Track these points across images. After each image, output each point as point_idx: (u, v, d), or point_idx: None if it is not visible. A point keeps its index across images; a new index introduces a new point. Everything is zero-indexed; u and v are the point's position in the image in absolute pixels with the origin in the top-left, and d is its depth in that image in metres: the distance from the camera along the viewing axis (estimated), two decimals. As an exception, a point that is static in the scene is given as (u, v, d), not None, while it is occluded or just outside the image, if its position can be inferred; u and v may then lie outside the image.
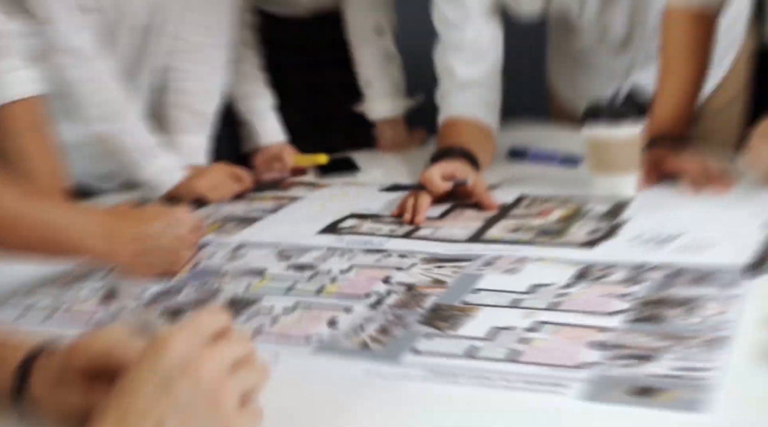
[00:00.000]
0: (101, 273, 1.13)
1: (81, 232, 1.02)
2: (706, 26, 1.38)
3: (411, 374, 0.77)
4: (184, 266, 1.12)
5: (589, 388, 0.71)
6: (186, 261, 1.12)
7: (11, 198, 0.96)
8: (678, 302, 0.88)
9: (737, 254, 0.99)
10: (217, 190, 1.48)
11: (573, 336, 0.82)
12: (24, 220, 0.97)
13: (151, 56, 1.54)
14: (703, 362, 0.74)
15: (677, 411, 0.66)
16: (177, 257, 1.10)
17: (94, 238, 1.03)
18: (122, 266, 1.08)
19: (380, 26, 1.80)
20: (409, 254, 1.11)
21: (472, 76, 1.57)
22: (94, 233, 1.03)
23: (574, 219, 1.21)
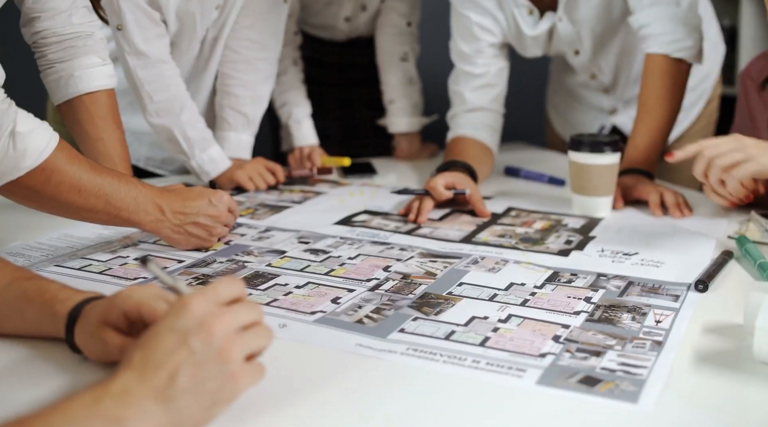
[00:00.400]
0: (149, 242, 1.14)
1: (133, 205, 1.03)
2: (680, 75, 1.37)
3: (395, 349, 0.77)
4: (218, 242, 1.13)
5: (545, 374, 0.71)
6: (220, 237, 1.12)
7: (79, 168, 0.97)
8: (628, 308, 0.87)
9: (683, 271, 0.99)
10: (254, 181, 1.49)
11: (538, 329, 0.81)
12: (87, 188, 0.97)
13: (211, 63, 1.54)
14: (639, 360, 0.74)
15: (614, 400, 0.66)
16: (211, 233, 1.10)
17: (144, 211, 1.04)
18: (165, 237, 1.09)
19: (405, 54, 1.80)
20: (409, 248, 1.11)
21: (479, 102, 1.56)
22: (144, 207, 1.04)
23: (552, 231, 1.20)
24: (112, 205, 1.00)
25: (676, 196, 1.28)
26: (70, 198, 0.97)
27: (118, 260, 1.07)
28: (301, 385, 0.70)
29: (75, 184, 0.96)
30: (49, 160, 0.93)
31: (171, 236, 1.08)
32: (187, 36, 1.46)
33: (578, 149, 1.28)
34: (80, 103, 1.22)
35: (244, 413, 0.65)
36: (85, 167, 0.97)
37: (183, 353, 0.59)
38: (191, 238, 1.08)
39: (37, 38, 1.21)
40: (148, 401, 0.58)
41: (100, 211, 1.00)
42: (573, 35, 1.49)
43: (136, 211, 1.03)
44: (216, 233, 1.10)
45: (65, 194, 0.96)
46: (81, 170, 0.97)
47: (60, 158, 0.94)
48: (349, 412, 0.65)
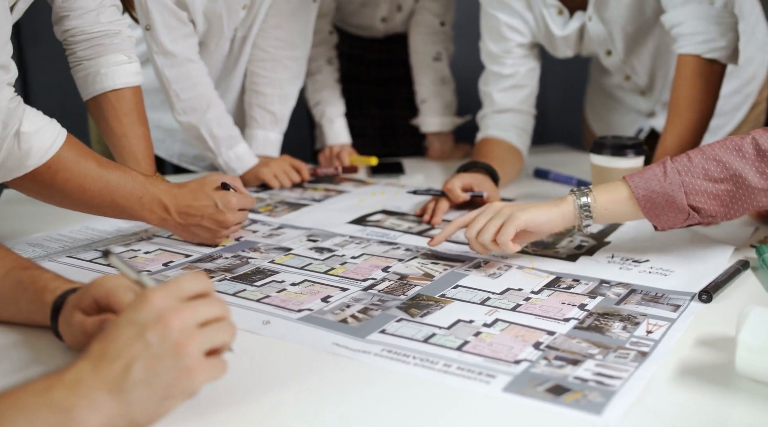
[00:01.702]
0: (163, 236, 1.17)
1: (138, 204, 1.05)
2: (713, 76, 1.31)
3: (369, 350, 0.76)
4: (223, 241, 1.14)
5: (514, 382, 0.69)
6: (224, 237, 1.13)
7: (85, 166, 1.00)
8: (622, 317, 0.84)
9: (692, 281, 0.95)
10: (279, 179, 1.50)
11: (521, 335, 0.79)
12: (92, 186, 1.00)
13: (240, 62, 1.57)
14: (617, 371, 0.71)
15: (579, 410, 0.64)
16: (215, 234, 1.11)
17: (149, 210, 1.06)
18: (172, 232, 1.11)
19: (438, 54, 1.79)
20: (414, 249, 1.10)
21: (508, 103, 1.54)
22: (149, 206, 1.06)
23: (566, 235, 1.17)
24: (117, 203, 1.03)
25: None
26: (76, 195, 1.00)
27: (129, 253, 1.09)
28: (266, 381, 0.70)
29: (80, 182, 0.99)
30: (54, 159, 0.96)
31: (177, 232, 1.10)
32: (215, 35, 1.48)
33: (600, 152, 1.24)
34: (106, 100, 1.26)
35: (201, 407, 0.66)
36: (92, 165, 1.00)
37: (139, 345, 0.60)
38: (195, 237, 1.11)
39: (66, 36, 1.26)
40: (100, 391, 0.59)
41: (106, 207, 1.03)
42: (604, 35, 1.45)
43: (141, 209, 1.05)
44: (221, 235, 1.11)
45: (71, 191, 0.99)
46: (87, 169, 0.99)
47: (66, 157, 0.97)
48: (305, 410, 0.65)
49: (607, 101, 1.77)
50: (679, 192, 0.96)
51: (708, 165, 0.96)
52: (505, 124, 1.54)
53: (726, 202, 0.96)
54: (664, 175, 0.97)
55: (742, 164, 0.95)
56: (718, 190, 0.96)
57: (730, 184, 0.95)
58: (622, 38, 1.46)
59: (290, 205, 1.39)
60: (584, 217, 0.99)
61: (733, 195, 0.96)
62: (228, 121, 1.50)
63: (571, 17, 1.45)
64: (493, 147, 1.52)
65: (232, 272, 1.01)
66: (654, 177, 0.98)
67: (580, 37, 1.48)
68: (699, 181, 0.96)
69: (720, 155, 0.96)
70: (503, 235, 0.97)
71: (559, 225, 1.01)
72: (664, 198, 0.97)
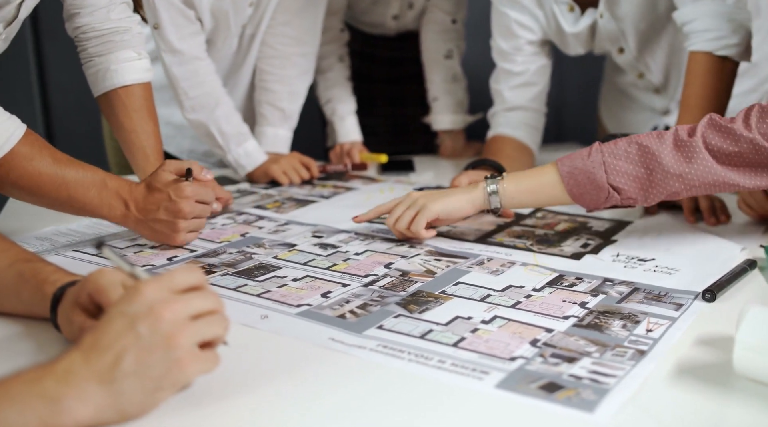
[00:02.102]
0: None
1: (97, 200, 1.05)
2: (724, 74, 1.29)
3: (365, 345, 0.76)
4: (188, 236, 1.09)
5: (507, 378, 0.69)
6: (182, 232, 1.07)
7: (40, 163, 1.00)
8: (622, 316, 0.83)
9: (697, 280, 0.94)
10: (288, 175, 1.50)
11: (519, 332, 0.79)
12: (47, 183, 1.01)
13: (249, 59, 1.57)
14: (612, 369, 0.70)
15: (570, 408, 0.63)
16: (173, 228, 1.06)
17: (108, 206, 1.06)
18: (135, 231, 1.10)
19: (450, 52, 1.78)
20: (418, 246, 1.10)
21: (518, 100, 1.53)
22: (108, 202, 1.05)
23: (573, 233, 1.16)
24: (75, 199, 1.03)
25: (712, 202, 1.22)
26: (32, 191, 1.01)
27: (135, 248, 1.10)
28: (261, 374, 0.70)
29: (35, 179, 1.00)
30: (7, 157, 0.97)
31: (138, 230, 1.08)
32: (222, 33, 1.49)
33: (608, 150, 1.23)
34: (116, 96, 1.27)
35: (194, 398, 0.66)
36: (48, 162, 1.00)
37: (130, 337, 0.61)
38: (156, 234, 1.07)
39: (77, 33, 1.27)
40: (90, 382, 0.59)
41: (64, 204, 1.03)
42: (616, 32, 1.44)
43: (100, 205, 1.05)
44: (180, 228, 1.06)
45: (26, 187, 1.00)
46: (42, 165, 1.00)
47: (21, 154, 0.98)
48: (299, 403, 0.65)
49: (622, 99, 1.75)
50: (599, 170, 1.01)
51: (630, 148, 1.01)
52: (515, 121, 1.53)
53: (645, 186, 1.00)
54: (589, 154, 1.02)
55: (660, 149, 0.99)
56: (637, 172, 1.00)
57: (647, 168, 0.99)
58: (634, 35, 1.45)
59: (298, 201, 1.39)
60: (492, 203, 1.07)
61: (650, 178, 0.99)
62: (236, 118, 1.50)
63: (583, 14, 1.43)
64: (502, 145, 1.51)
65: (234, 267, 1.01)
66: (579, 156, 1.03)
67: (592, 34, 1.47)
68: (620, 162, 1.00)
69: (642, 140, 1.00)
70: (416, 225, 1.08)
71: (470, 211, 1.10)
72: (585, 175, 1.01)
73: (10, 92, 2.35)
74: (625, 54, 1.50)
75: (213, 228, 1.20)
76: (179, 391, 0.66)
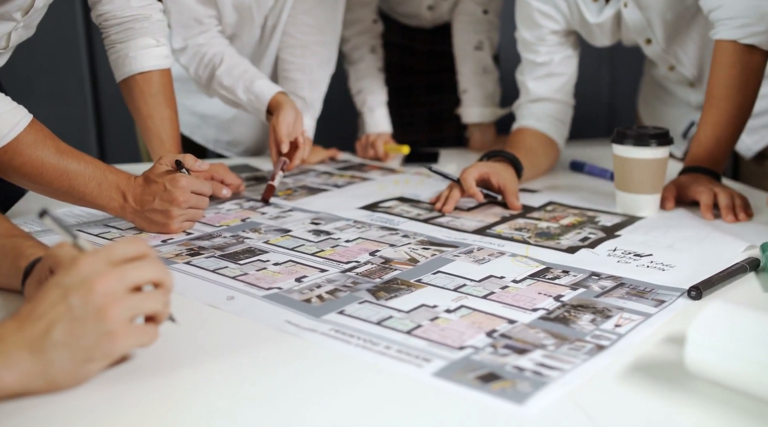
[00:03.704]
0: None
1: (96, 190, 1.07)
2: (753, 64, 1.22)
3: (317, 329, 0.75)
4: (183, 224, 1.10)
5: (447, 367, 0.66)
6: (177, 220, 1.09)
7: (43, 153, 1.02)
8: (595, 310, 0.80)
9: (690, 277, 0.89)
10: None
11: (479, 322, 0.76)
12: (49, 172, 1.03)
13: (270, 49, 1.58)
14: (562, 362, 0.67)
15: (501, 399, 0.61)
16: (167, 216, 1.08)
17: (108, 197, 1.08)
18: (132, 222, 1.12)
19: (480, 43, 1.75)
20: (412, 235, 1.08)
21: (542, 92, 1.49)
22: (107, 193, 1.07)
23: (577, 227, 1.12)
24: (76, 189, 1.05)
25: (732, 198, 1.15)
26: (33, 179, 1.03)
27: (135, 230, 1.12)
28: (208, 352, 0.71)
29: (37, 167, 1.02)
30: (12, 144, 0.99)
31: (135, 221, 1.10)
32: (246, 26, 1.51)
33: (622, 142, 1.18)
34: (134, 82, 1.30)
35: (133, 371, 0.66)
36: (51, 152, 1.03)
37: (61, 308, 0.62)
38: (152, 224, 1.09)
39: (100, 20, 1.30)
40: (20, 350, 0.60)
41: (65, 193, 1.06)
42: (642, 23, 1.38)
43: (100, 196, 1.07)
44: (174, 216, 1.08)
45: (28, 175, 1.02)
46: (45, 155, 1.02)
47: (25, 142, 1.00)
48: (230, 382, 0.65)
49: (659, 93, 1.68)
50: None
51: None
52: (539, 113, 1.49)
53: None
54: None
55: None
56: None
57: None
58: (661, 26, 1.38)
59: (310, 190, 1.39)
60: None
61: None
62: (239, 68, 1.46)
63: (607, 3, 1.38)
64: (524, 137, 1.47)
65: (223, 250, 1.02)
66: None
67: (617, 24, 1.41)
68: None
69: None
70: None
71: None
72: None
73: (63, 82, 2.45)
74: (653, 45, 1.43)
75: (217, 213, 1.22)
76: (113, 363, 0.66)
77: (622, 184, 1.20)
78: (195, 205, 1.10)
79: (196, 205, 1.10)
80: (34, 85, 2.47)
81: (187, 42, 1.44)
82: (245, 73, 1.45)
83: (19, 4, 1.11)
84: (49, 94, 2.47)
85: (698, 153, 1.27)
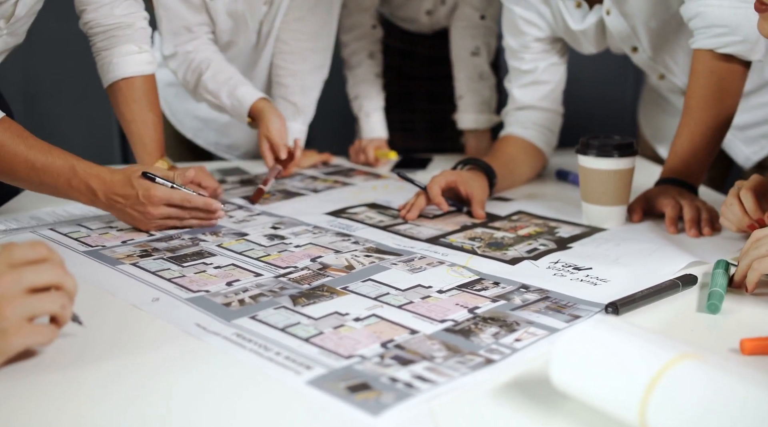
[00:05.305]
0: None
1: (66, 186, 1.11)
2: (731, 73, 1.19)
3: (220, 333, 0.77)
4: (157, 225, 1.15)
5: (324, 376, 0.67)
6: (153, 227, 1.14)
7: (15, 147, 1.07)
8: (504, 323, 0.79)
9: (621, 292, 0.87)
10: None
11: (379, 331, 0.77)
12: (19, 168, 1.08)
13: (264, 54, 1.61)
14: (439, 375, 0.67)
15: (359, 409, 0.62)
16: (140, 223, 1.14)
17: (78, 191, 1.12)
18: None
19: (477, 49, 1.74)
20: (362, 242, 1.09)
21: (527, 99, 1.48)
22: (77, 188, 1.11)
23: (531, 238, 1.11)
24: (46, 184, 1.10)
25: (697, 212, 1.12)
26: (9, 174, 1.09)
27: (103, 230, 1.17)
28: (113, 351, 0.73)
29: (8, 163, 1.07)
30: None
31: (110, 212, 1.15)
32: (242, 32, 1.55)
33: (585, 152, 1.17)
34: (118, 88, 1.35)
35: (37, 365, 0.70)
36: (21, 148, 1.07)
37: (-45, 306, 0.65)
38: (127, 218, 1.14)
39: (86, 28, 1.36)
40: None
41: (40, 186, 1.11)
42: (626, 30, 1.35)
43: (70, 190, 1.11)
44: (146, 225, 1.13)
45: (2, 171, 1.08)
46: (14, 152, 1.07)
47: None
48: (125, 382, 0.67)
49: (658, 101, 1.65)
50: None
51: None
52: (525, 121, 1.48)
53: None
54: None
55: None
56: None
57: None
58: (646, 34, 1.35)
59: (287, 194, 1.41)
60: None
61: None
62: (224, 73, 1.50)
63: (590, 10, 1.36)
64: (506, 145, 1.46)
65: (174, 252, 1.05)
66: None
67: (602, 32, 1.39)
68: None
69: None
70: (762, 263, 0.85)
71: None
72: None
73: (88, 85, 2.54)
74: (640, 53, 1.41)
75: (187, 215, 1.25)
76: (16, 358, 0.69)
77: (586, 196, 1.18)
78: (169, 215, 1.13)
79: (170, 215, 1.13)
80: (62, 88, 2.57)
81: (176, 49, 1.49)
82: (230, 79, 1.49)
83: (0, 13, 1.17)
84: (75, 97, 2.57)
85: (673, 164, 1.24)
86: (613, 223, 1.17)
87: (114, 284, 0.93)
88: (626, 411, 0.55)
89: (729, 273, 0.90)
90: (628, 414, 0.55)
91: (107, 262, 1.01)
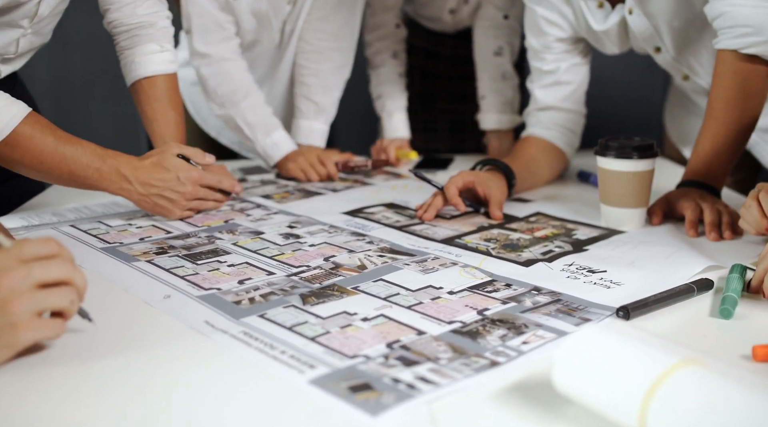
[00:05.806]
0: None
1: (96, 175, 1.14)
2: (755, 74, 1.16)
3: (228, 331, 0.78)
4: (185, 213, 1.21)
5: (327, 375, 0.68)
6: (183, 211, 1.20)
7: (41, 142, 1.09)
8: (513, 325, 0.79)
9: (634, 296, 0.85)
10: (306, 173, 1.52)
11: (386, 332, 0.77)
12: (48, 160, 1.10)
13: (287, 54, 1.62)
14: (443, 377, 0.67)
15: (359, 409, 0.61)
16: (175, 205, 1.18)
17: (108, 180, 1.15)
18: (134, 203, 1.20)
19: (500, 49, 1.73)
20: (377, 242, 1.09)
21: (549, 100, 1.46)
22: (108, 177, 1.14)
23: (547, 240, 1.10)
24: (76, 174, 1.12)
25: (718, 215, 1.10)
26: (36, 167, 1.10)
27: (122, 227, 1.18)
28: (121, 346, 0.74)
29: (37, 156, 1.09)
30: (11, 136, 1.07)
31: (139, 203, 1.18)
32: (266, 31, 1.56)
33: (604, 154, 1.15)
34: (140, 87, 1.36)
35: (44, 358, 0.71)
36: (49, 140, 1.10)
37: (-33, 300, 0.67)
38: (156, 207, 1.18)
39: (110, 27, 1.38)
40: (-72, 336, 0.66)
41: (66, 179, 1.13)
42: (649, 30, 1.33)
43: (100, 180, 1.14)
44: (181, 206, 1.18)
45: (29, 164, 1.10)
46: (44, 144, 1.09)
47: (24, 133, 1.07)
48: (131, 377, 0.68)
49: (684, 102, 1.62)
50: None
51: None
52: (547, 122, 1.47)
53: None
54: None
55: None
56: None
57: None
58: (669, 33, 1.33)
59: (306, 193, 1.42)
60: None
61: None
62: (265, 109, 1.54)
63: (612, 10, 1.34)
64: (527, 145, 1.45)
65: (189, 250, 1.06)
66: None
67: (624, 32, 1.37)
68: None
69: None
70: None
71: None
72: None
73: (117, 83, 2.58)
74: (663, 54, 1.38)
75: (206, 213, 1.26)
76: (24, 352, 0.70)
77: (605, 198, 1.17)
78: (203, 196, 1.21)
79: (204, 196, 1.21)
80: (94, 86, 2.62)
81: (209, 49, 1.49)
82: (269, 116, 1.55)
83: (24, 12, 1.19)
84: (105, 95, 2.61)
85: (695, 166, 1.22)
86: (632, 225, 1.15)
87: (127, 280, 0.94)
88: (626, 417, 0.55)
89: (745, 278, 0.88)
90: (628, 420, 0.55)
91: (123, 259, 1.02)
